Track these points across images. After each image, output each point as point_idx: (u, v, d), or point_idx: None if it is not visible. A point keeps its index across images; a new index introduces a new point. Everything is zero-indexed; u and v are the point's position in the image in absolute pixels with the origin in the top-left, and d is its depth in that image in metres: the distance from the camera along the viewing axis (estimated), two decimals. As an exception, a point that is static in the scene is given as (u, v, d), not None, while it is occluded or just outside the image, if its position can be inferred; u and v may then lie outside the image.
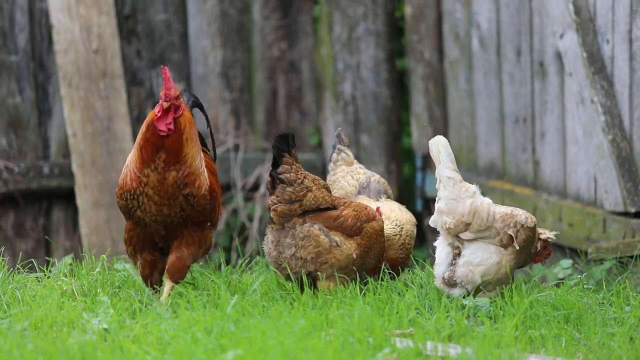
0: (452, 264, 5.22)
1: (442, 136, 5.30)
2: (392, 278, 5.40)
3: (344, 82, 8.08)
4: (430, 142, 5.29)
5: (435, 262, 5.27)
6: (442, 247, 5.28)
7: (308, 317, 4.65)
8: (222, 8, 7.91)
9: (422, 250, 7.93)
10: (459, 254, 5.22)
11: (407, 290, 5.23)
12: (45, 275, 5.40)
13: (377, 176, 5.91)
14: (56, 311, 4.81)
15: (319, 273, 5.18)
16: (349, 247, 5.23)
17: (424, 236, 7.97)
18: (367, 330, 4.50)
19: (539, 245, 5.38)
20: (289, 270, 5.18)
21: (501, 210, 5.24)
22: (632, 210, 6.28)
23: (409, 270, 5.81)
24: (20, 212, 7.50)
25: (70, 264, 5.78)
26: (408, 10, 7.94)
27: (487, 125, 7.50)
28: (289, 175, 5.19)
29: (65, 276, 5.34)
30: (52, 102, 7.49)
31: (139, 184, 4.97)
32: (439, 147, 5.25)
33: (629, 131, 6.32)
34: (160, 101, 4.94)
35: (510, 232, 5.18)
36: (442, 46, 7.85)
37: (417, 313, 4.88)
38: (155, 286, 5.12)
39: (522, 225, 5.20)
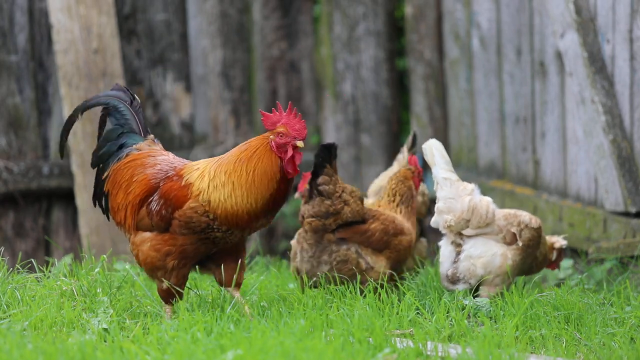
0: (454, 261, 5.26)
1: (434, 139, 5.34)
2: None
3: (344, 82, 8.07)
4: (423, 146, 5.33)
5: (440, 261, 5.32)
6: (445, 247, 5.32)
7: (308, 317, 4.64)
8: (222, 8, 7.90)
9: (422, 250, 7.92)
10: (461, 251, 5.26)
11: (407, 290, 5.23)
12: (44, 275, 5.39)
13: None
14: (56, 311, 4.80)
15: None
16: (380, 265, 5.23)
17: (424, 236, 7.95)
18: (367, 330, 4.50)
19: (554, 254, 5.44)
20: (322, 282, 5.19)
21: (504, 210, 5.31)
22: (633, 210, 6.27)
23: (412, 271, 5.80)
24: (20, 212, 7.49)
25: (70, 264, 5.78)
26: (408, 10, 7.93)
27: (487, 125, 7.50)
28: (327, 187, 5.16)
29: (65, 276, 5.33)
30: (52, 102, 7.49)
31: (248, 227, 4.76)
32: (433, 150, 5.29)
33: (630, 131, 6.31)
34: (289, 139, 4.73)
35: (513, 230, 5.23)
36: (442, 46, 7.85)
37: (417, 314, 4.87)
38: (174, 301, 4.86)
39: (526, 225, 5.26)
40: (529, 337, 4.69)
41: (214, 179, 4.72)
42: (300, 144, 4.72)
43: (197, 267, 4.92)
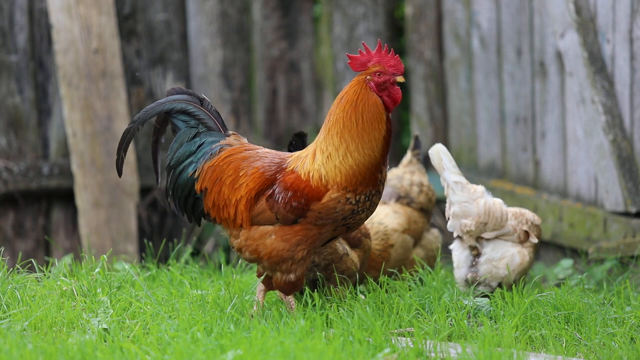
0: (472, 265, 5.28)
1: (440, 144, 5.34)
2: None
3: (344, 82, 8.06)
4: (430, 151, 5.33)
5: (455, 265, 5.32)
6: (460, 251, 5.32)
7: (308, 317, 4.64)
8: (222, 8, 7.90)
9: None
10: (477, 255, 5.28)
11: (409, 289, 5.23)
12: (44, 275, 5.39)
13: (408, 180, 5.95)
14: (56, 311, 4.80)
15: (323, 277, 5.19)
16: (354, 257, 5.23)
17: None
18: (367, 330, 4.50)
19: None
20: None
21: (510, 209, 5.33)
22: (633, 210, 6.27)
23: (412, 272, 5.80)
24: (20, 212, 7.49)
25: (70, 264, 5.78)
26: (408, 9, 7.93)
27: (487, 125, 7.50)
28: None
29: (65, 276, 5.33)
30: (52, 102, 7.49)
31: (377, 182, 4.63)
32: (440, 155, 5.30)
33: (630, 131, 6.31)
34: (388, 76, 4.60)
35: (525, 228, 5.29)
36: (443, 46, 7.85)
37: (417, 314, 4.87)
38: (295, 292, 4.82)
39: (532, 223, 5.31)
40: (529, 337, 4.69)
41: (327, 148, 4.62)
42: (400, 78, 4.59)
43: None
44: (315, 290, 5.18)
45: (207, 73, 7.92)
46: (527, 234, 5.32)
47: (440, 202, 6.67)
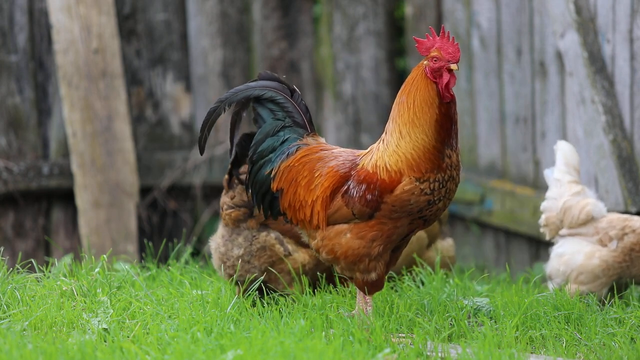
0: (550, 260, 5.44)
1: (563, 141, 5.51)
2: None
3: (344, 82, 8.07)
4: (554, 146, 5.53)
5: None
6: (554, 245, 5.49)
7: (308, 317, 4.64)
8: (222, 8, 7.90)
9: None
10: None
11: (409, 289, 5.23)
12: (44, 275, 5.39)
13: None
14: (56, 311, 4.80)
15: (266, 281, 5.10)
16: (300, 256, 5.10)
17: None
18: (367, 330, 4.50)
19: None
20: (234, 270, 5.08)
21: (615, 215, 5.37)
22: (633, 210, 6.27)
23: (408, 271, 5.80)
24: (19, 212, 7.49)
25: (70, 264, 5.78)
26: (408, 9, 7.94)
27: (487, 125, 7.50)
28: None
29: (65, 276, 5.33)
30: (52, 102, 7.49)
31: (446, 168, 4.53)
32: (557, 152, 5.48)
33: (630, 131, 6.31)
34: (443, 62, 4.53)
35: (612, 233, 5.27)
36: (443, 46, 7.84)
37: (417, 314, 4.87)
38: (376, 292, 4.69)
39: (633, 230, 5.27)
40: (529, 337, 4.69)
41: (386, 136, 4.60)
42: (454, 66, 4.52)
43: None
44: (315, 290, 5.18)
45: (207, 73, 7.92)
46: (610, 238, 5.29)
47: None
